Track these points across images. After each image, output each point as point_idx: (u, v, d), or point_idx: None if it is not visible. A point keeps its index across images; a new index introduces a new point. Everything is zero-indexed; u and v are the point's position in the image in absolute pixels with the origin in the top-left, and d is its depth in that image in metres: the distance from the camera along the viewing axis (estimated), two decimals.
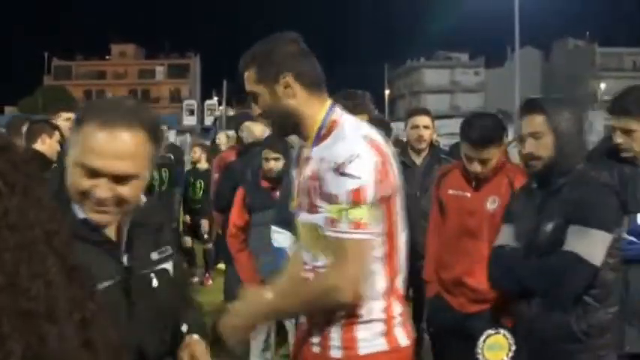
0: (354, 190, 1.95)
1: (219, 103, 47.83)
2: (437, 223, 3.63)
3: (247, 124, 5.70)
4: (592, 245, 2.40)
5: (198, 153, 8.58)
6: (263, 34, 2.18)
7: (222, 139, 8.76)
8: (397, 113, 58.43)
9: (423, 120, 4.70)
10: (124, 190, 1.63)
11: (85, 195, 1.63)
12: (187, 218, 8.62)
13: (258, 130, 5.47)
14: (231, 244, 4.54)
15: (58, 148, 4.49)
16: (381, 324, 2.11)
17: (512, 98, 25.71)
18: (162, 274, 1.81)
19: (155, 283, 1.77)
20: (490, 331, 2.63)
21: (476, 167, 3.28)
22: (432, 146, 4.80)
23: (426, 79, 70.91)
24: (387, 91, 67.56)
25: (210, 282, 8.34)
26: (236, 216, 4.49)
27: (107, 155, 1.60)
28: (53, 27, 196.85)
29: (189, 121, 32.31)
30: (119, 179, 1.62)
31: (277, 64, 2.07)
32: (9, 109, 38.44)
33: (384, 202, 2.04)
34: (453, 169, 3.60)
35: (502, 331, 2.61)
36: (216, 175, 6.42)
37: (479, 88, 68.75)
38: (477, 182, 3.35)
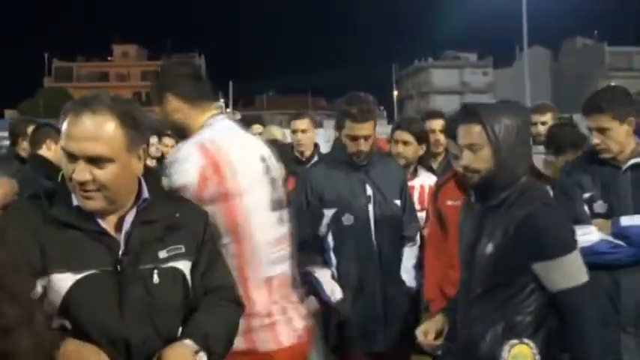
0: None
1: (226, 105, 47.40)
2: (437, 238, 3.50)
3: (268, 127, 5.66)
4: (570, 268, 2.28)
5: None
6: (266, 34, 2.15)
7: None
8: (406, 114, 58.33)
9: (439, 123, 4.59)
10: (100, 174, 1.76)
11: (72, 181, 1.77)
12: None
13: (279, 133, 5.38)
14: None
15: None
16: (242, 320, 2.18)
17: (522, 98, 25.46)
18: (168, 273, 1.81)
19: (156, 279, 1.79)
20: (514, 341, 2.53)
21: None
22: (448, 151, 4.67)
23: (434, 80, 70.72)
24: (395, 92, 67.50)
25: None
26: None
27: (77, 138, 1.75)
28: (53, 27, 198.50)
29: None
30: (94, 161, 1.75)
31: (162, 87, 2.42)
32: (9, 113, 37.71)
33: (220, 202, 2.21)
34: (448, 180, 3.50)
35: (526, 340, 2.50)
36: None
37: (488, 89, 68.49)
38: None
